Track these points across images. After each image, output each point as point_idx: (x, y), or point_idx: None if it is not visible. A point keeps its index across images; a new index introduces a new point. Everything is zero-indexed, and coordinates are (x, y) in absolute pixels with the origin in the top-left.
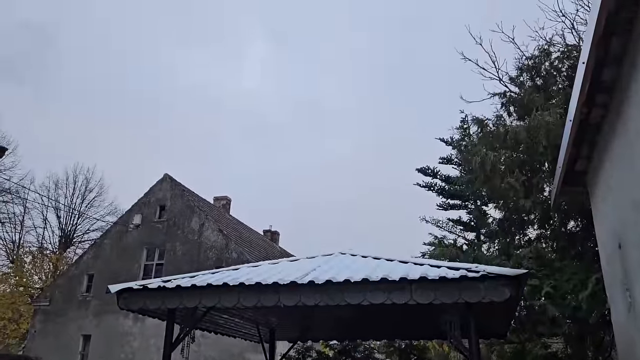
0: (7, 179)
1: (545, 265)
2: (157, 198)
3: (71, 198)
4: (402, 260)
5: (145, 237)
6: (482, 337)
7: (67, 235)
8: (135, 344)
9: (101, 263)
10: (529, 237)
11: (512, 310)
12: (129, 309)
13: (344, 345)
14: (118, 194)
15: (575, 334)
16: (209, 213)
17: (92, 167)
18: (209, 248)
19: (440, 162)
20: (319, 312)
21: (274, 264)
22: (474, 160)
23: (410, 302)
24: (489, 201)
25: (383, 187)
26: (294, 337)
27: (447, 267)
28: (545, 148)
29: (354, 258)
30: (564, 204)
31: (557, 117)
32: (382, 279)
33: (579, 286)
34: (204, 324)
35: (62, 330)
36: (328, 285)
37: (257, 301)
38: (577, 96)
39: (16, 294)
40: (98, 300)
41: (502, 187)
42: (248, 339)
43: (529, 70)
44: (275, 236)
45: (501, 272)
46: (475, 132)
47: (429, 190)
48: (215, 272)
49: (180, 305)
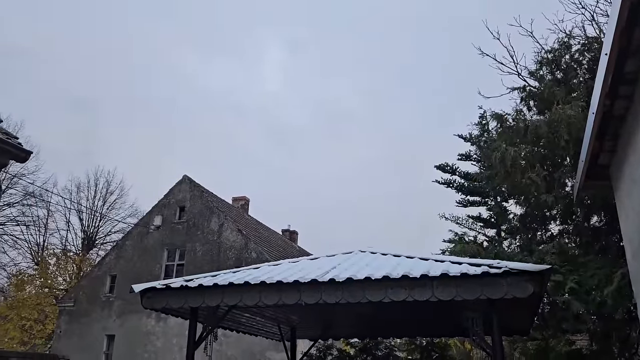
0: (31, 182)
1: (569, 260)
2: (177, 199)
3: (93, 201)
4: (423, 257)
5: (166, 238)
6: (504, 334)
7: (89, 237)
8: (158, 343)
9: (123, 264)
10: (551, 233)
11: (535, 306)
12: (153, 308)
13: (365, 343)
14: (138, 196)
15: (600, 330)
16: (228, 213)
17: (113, 170)
18: (228, 248)
19: (459, 159)
20: (340, 310)
21: (295, 263)
22: (493, 156)
23: (431, 299)
24: (510, 197)
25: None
26: (315, 335)
27: (469, 263)
28: (566, 142)
29: (374, 256)
30: (587, 199)
31: (579, 111)
32: (403, 276)
33: (603, 281)
34: (226, 322)
35: (87, 330)
36: (349, 283)
37: (279, 299)
38: (600, 88)
39: (41, 295)
40: (121, 301)
41: (523, 183)
42: (269, 338)
43: (548, 64)
44: (294, 236)
45: (524, 267)
46: (495, 127)
47: (448, 187)
48: (236, 271)
49: (203, 304)
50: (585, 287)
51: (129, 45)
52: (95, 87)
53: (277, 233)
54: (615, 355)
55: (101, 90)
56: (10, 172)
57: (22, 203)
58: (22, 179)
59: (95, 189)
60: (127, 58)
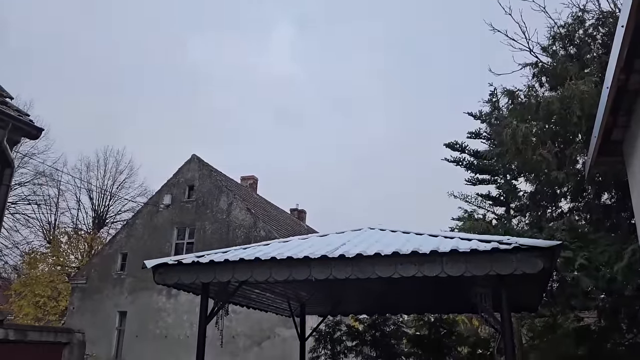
0: (41, 162)
1: (579, 237)
2: (186, 178)
3: (102, 180)
4: (432, 234)
5: (176, 216)
6: (513, 310)
7: (100, 216)
8: (169, 319)
9: (134, 242)
10: (562, 210)
11: (544, 282)
12: (165, 283)
13: (374, 319)
14: (147, 176)
15: (609, 307)
16: (237, 192)
17: (122, 150)
18: (237, 227)
19: (468, 137)
20: (349, 286)
21: (304, 239)
22: (504, 133)
23: (441, 275)
24: (520, 175)
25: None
26: (324, 311)
27: (478, 239)
28: (579, 118)
29: (383, 233)
30: (598, 176)
31: (592, 86)
32: (412, 252)
33: (614, 258)
34: (236, 298)
35: (99, 307)
36: (359, 259)
37: (289, 275)
38: (615, 62)
39: (54, 272)
40: (132, 278)
41: (534, 160)
42: (279, 314)
43: (561, 39)
44: (302, 215)
45: (534, 243)
46: (506, 104)
47: (457, 165)
48: (246, 248)
49: (214, 280)
50: (595, 263)
51: (137, 25)
52: (103, 66)
53: (286, 212)
54: (624, 332)
55: (109, 69)
56: (21, 151)
57: (33, 182)
58: (32, 159)
59: (105, 168)
60: (136, 38)
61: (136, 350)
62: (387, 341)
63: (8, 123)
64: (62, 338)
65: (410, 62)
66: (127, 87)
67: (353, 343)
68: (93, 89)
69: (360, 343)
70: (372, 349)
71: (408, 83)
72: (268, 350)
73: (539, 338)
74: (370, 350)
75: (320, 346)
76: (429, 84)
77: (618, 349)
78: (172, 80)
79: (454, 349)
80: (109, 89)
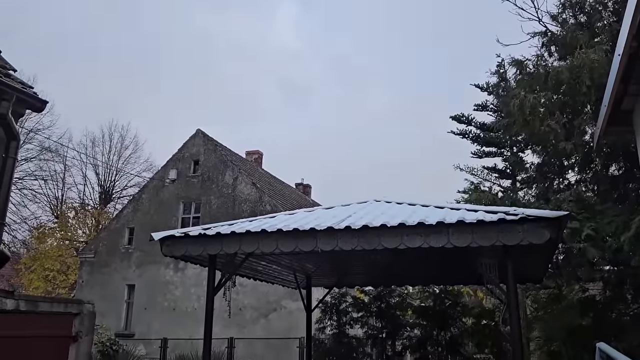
0: (46, 137)
1: (586, 208)
2: (191, 153)
3: (108, 155)
4: (438, 206)
5: (181, 191)
6: (518, 281)
7: (106, 192)
8: (177, 292)
9: (141, 217)
10: (569, 182)
11: (550, 253)
12: (172, 255)
13: (379, 291)
14: (153, 151)
15: (615, 277)
16: (242, 167)
17: (127, 125)
18: (243, 201)
19: (475, 109)
20: (355, 258)
21: (310, 212)
22: (512, 104)
23: (447, 246)
24: (527, 147)
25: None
26: (330, 283)
27: (485, 210)
28: (588, 88)
29: (389, 205)
30: (606, 146)
31: (603, 55)
32: (419, 223)
33: (621, 228)
34: (243, 270)
35: (108, 280)
36: (365, 230)
37: (295, 246)
38: (627, 29)
39: (62, 247)
40: (140, 252)
41: (542, 131)
42: (286, 286)
43: (571, 7)
44: (307, 189)
45: (541, 214)
46: (514, 74)
47: (463, 138)
48: (253, 220)
49: (221, 252)
50: (602, 234)
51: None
52: (105, 41)
53: (291, 187)
54: (629, 302)
55: (111, 45)
56: (26, 127)
57: (39, 158)
58: (38, 134)
59: (110, 144)
60: (142, 15)
61: (145, 322)
62: (392, 312)
63: (12, 95)
64: (72, 309)
65: (414, 35)
66: (131, 63)
67: (359, 314)
68: (96, 66)
69: (365, 314)
70: (377, 319)
71: (412, 57)
72: (275, 322)
73: (543, 309)
74: (376, 321)
75: (327, 317)
76: (435, 58)
77: (623, 318)
78: (177, 57)
79: (458, 319)
80: (112, 66)
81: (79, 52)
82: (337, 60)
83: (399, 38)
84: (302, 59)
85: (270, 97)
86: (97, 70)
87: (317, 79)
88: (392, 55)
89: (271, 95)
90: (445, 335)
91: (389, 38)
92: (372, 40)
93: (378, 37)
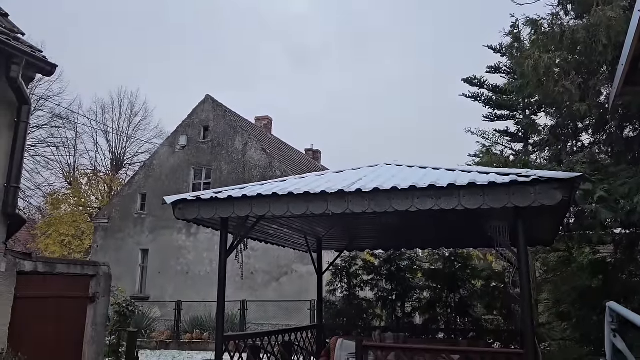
0: (57, 104)
1: (600, 170)
2: (201, 119)
3: (118, 122)
4: (450, 169)
5: (192, 157)
6: (529, 244)
7: (117, 158)
8: (190, 256)
9: (152, 183)
10: (582, 144)
11: (562, 216)
12: (185, 218)
13: (389, 254)
14: (162, 117)
15: (626, 240)
16: (252, 133)
17: (136, 91)
18: (253, 167)
19: (487, 72)
20: (365, 221)
21: (321, 175)
22: (526, 64)
23: (458, 208)
24: (540, 109)
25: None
26: (341, 247)
27: (497, 173)
28: (605, 47)
29: (400, 168)
30: (622, 108)
31: (621, 12)
32: (430, 186)
33: (634, 190)
34: (255, 233)
35: (122, 245)
36: (375, 193)
37: (306, 209)
38: None
39: (76, 213)
40: (152, 218)
41: (556, 92)
42: (297, 249)
43: None
44: (317, 155)
45: (553, 175)
46: (529, 34)
47: (475, 101)
48: (264, 184)
49: (233, 215)
50: (615, 195)
51: None
52: (114, 6)
53: (301, 152)
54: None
55: (119, 10)
56: (37, 94)
57: (50, 125)
58: (48, 101)
59: (120, 111)
60: None
61: (159, 285)
62: (402, 275)
63: (22, 59)
64: (89, 270)
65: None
66: (138, 29)
67: (369, 277)
68: (103, 32)
69: (376, 277)
70: (387, 282)
71: (425, 20)
72: (286, 286)
73: (553, 272)
74: (386, 283)
75: (337, 280)
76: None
77: (633, 280)
78: (185, 23)
79: (468, 282)
80: (119, 32)
81: (86, 17)
82: (351, 25)
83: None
84: (312, 24)
85: (279, 63)
86: (105, 36)
87: (328, 45)
88: (406, 17)
89: (280, 61)
90: (455, 297)
91: (404, 6)
92: (385, 3)
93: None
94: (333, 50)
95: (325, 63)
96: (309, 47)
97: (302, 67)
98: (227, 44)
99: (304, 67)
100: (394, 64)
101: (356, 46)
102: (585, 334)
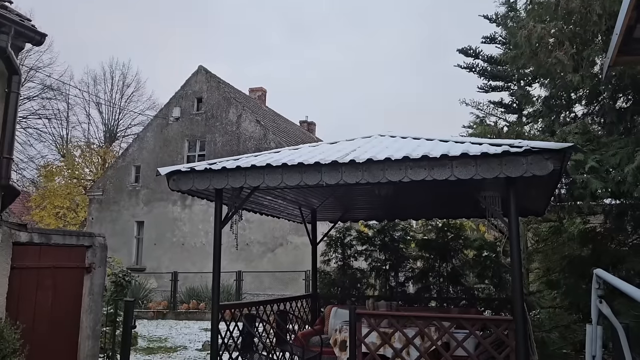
0: (47, 75)
1: (592, 140)
2: (194, 90)
3: (110, 94)
4: (443, 139)
5: (186, 129)
6: (520, 215)
7: (110, 130)
8: (185, 228)
9: (146, 155)
10: (575, 115)
11: (553, 186)
12: (179, 190)
13: (383, 225)
14: (155, 89)
15: (616, 209)
16: (246, 104)
17: (127, 63)
18: (247, 139)
19: (482, 42)
20: (359, 192)
21: (315, 147)
22: (520, 34)
23: (450, 178)
24: (534, 80)
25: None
26: (335, 217)
27: (489, 143)
28: (599, 16)
29: (394, 139)
30: (615, 78)
31: None
32: (423, 156)
33: (625, 160)
34: (249, 205)
35: (117, 217)
36: (369, 164)
37: (300, 180)
38: None
39: (70, 185)
40: (147, 190)
41: (550, 62)
42: (291, 220)
43: None
44: (312, 127)
45: (545, 146)
46: (524, 3)
47: (470, 72)
48: (258, 155)
49: (227, 186)
50: (606, 165)
51: None
52: None
53: (295, 124)
54: (629, 233)
55: None
56: (27, 64)
57: (41, 97)
58: (38, 72)
59: (112, 82)
60: None
61: (155, 256)
62: (395, 245)
63: (10, 28)
64: (84, 241)
65: None
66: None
67: (363, 247)
68: (96, 2)
69: (369, 247)
70: (381, 252)
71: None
72: (281, 257)
73: (544, 242)
74: (380, 253)
75: (331, 250)
76: None
77: (621, 249)
78: None
79: (460, 251)
80: (112, 2)
81: None
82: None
83: None
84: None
85: (273, 34)
86: (94, 5)
87: (323, 16)
88: None
89: (274, 32)
90: (447, 266)
91: None
92: None
93: None
94: (329, 21)
95: (321, 33)
96: (304, 17)
97: (297, 39)
98: (221, 14)
99: (299, 39)
100: (390, 34)
101: (353, 16)
102: (574, 301)
